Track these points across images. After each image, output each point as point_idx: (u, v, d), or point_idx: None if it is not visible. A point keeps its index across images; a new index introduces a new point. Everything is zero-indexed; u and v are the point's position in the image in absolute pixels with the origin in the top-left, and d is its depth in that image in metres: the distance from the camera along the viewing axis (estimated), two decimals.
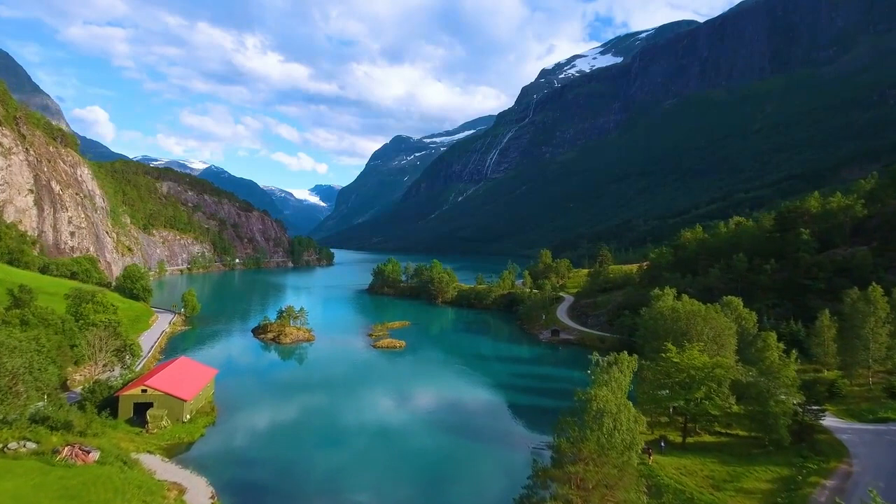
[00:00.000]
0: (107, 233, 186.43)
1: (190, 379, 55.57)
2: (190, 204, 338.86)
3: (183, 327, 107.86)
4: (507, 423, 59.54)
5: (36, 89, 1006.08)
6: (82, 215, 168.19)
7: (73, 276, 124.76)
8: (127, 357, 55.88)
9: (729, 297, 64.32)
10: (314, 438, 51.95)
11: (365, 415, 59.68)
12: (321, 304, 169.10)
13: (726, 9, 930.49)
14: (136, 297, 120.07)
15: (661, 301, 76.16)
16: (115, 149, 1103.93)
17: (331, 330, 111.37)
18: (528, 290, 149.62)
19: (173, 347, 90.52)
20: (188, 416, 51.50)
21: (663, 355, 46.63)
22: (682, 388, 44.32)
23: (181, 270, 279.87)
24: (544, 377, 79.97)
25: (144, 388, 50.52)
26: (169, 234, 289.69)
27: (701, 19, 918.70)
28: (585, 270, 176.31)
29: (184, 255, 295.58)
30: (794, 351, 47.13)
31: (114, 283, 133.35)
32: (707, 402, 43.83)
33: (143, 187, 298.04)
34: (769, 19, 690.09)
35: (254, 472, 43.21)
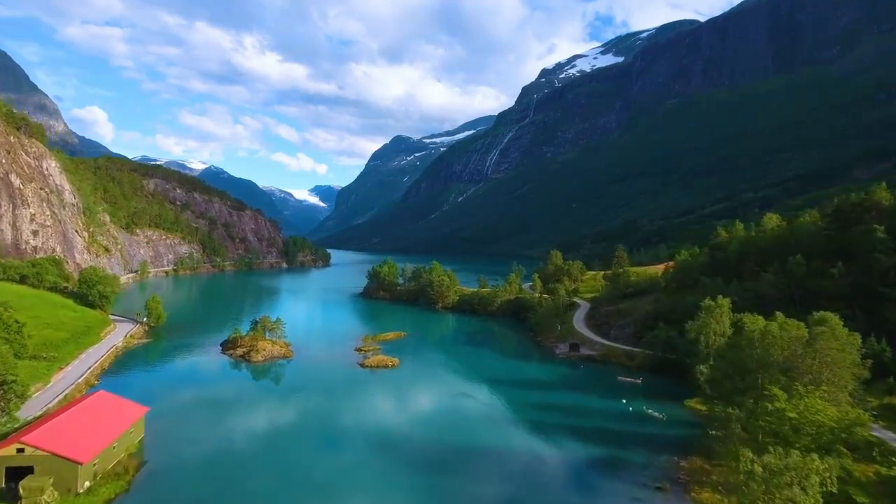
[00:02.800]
0: (77, 231, 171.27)
1: (98, 427, 40.71)
2: (179, 202, 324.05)
3: (141, 340, 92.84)
4: (526, 489, 44.47)
5: (34, 88, 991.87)
6: (47, 212, 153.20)
7: (22, 279, 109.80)
8: (12, 398, 40.91)
9: (822, 312, 49.60)
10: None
11: (341, 473, 44.83)
12: (308, 310, 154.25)
13: (727, 8, 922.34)
14: (92, 305, 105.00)
15: (714, 313, 61.48)
16: (114, 149, 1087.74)
17: (313, 343, 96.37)
18: (537, 294, 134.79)
19: (120, 367, 75.60)
20: (87, 484, 36.66)
21: (769, 405, 31.86)
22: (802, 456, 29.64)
23: (166, 272, 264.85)
24: (570, 409, 64.07)
25: (21, 445, 35.64)
26: (154, 234, 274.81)
27: (702, 19, 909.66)
28: (598, 273, 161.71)
29: (170, 256, 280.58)
30: None
31: (71, 288, 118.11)
32: (846, 480, 29.15)
33: (126, 184, 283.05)
34: (772, 18, 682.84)
35: None
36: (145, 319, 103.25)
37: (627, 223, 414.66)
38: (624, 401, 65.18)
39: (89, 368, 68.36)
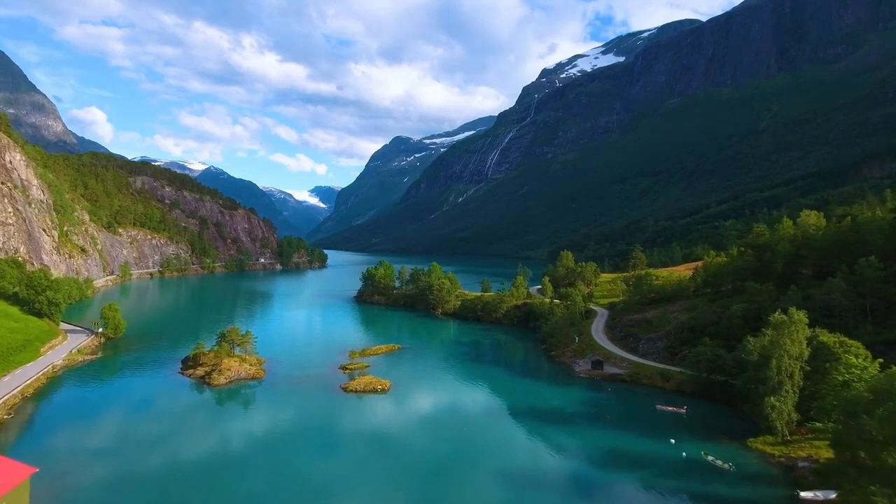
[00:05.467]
0: (44, 230, 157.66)
1: None
2: (167, 201, 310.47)
3: (89, 356, 79.20)
4: None
5: (32, 88, 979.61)
6: (10, 209, 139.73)
7: None
8: None
9: None
10: None
11: None
12: (293, 316, 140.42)
13: (727, 8, 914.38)
14: (39, 313, 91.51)
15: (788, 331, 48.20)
16: (113, 150, 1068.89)
17: (292, 358, 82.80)
18: (548, 300, 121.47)
19: (49, 394, 62.03)
20: None
21: None
22: None
23: (151, 274, 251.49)
24: (603, 453, 49.48)
25: None
26: (139, 234, 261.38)
27: (702, 18, 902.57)
28: (613, 275, 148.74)
29: (156, 257, 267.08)
30: None
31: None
32: None
33: (110, 182, 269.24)
34: (775, 17, 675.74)
35: None
36: (101, 330, 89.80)
37: (631, 223, 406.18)
38: (673, 440, 51.66)
39: (1, 398, 54.91)
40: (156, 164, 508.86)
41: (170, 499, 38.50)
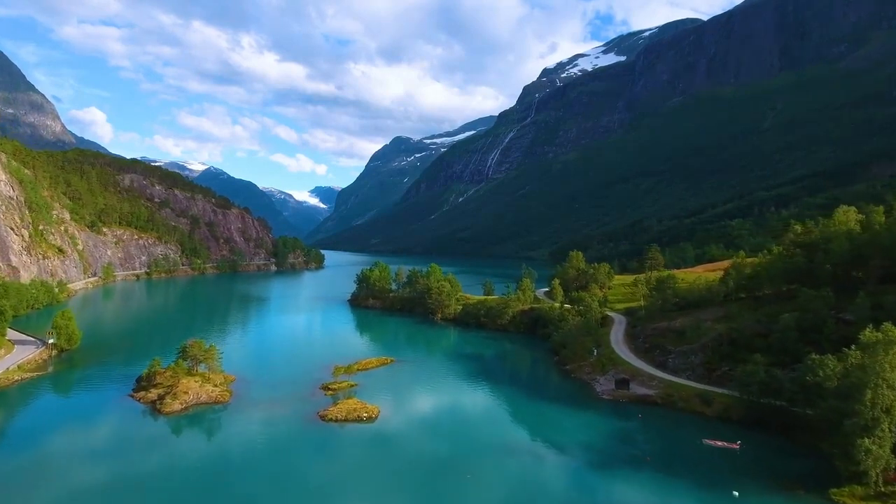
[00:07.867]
0: (13, 229, 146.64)
1: None
2: (157, 199, 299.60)
3: (33, 373, 68.00)
4: None
5: (30, 88, 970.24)
6: None
7: None
8: None
9: None
10: None
11: None
12: (280, 322, 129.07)
13: (727, 7, 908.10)
14: None
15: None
16: (113, 150, 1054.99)
17: (268, 375, 71.59)
18: (557, 304, 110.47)
19: None
20: None
21: None
22: None
23: (137, 275, 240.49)
24: None
25: None
26: (125, 233, 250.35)
27: (702, 17, 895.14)
28: (623, 277, 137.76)
29: (143, 258, 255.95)
30: None
31: None
32: None
33: (95, 179, 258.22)
34: (778, 15, 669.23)
35: None
36: (51, 341, 78.69)
37: (635, 223, 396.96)
38: (736, 493, 40.53)
39: None
40: (156, 164, 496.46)
41: None
